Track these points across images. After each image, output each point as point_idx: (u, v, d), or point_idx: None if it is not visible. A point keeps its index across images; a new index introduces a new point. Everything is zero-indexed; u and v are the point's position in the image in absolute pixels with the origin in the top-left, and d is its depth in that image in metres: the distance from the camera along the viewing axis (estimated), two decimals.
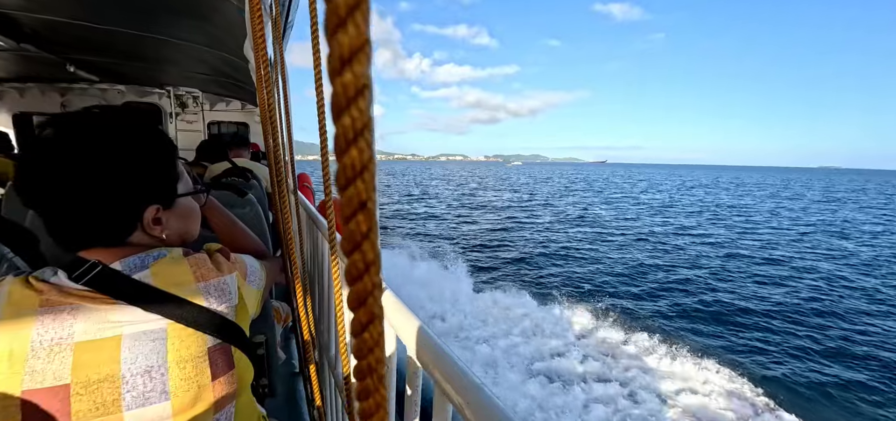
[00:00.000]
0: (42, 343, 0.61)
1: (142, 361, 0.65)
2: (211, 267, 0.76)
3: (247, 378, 0.80)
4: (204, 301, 0.71)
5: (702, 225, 22.81)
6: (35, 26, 2.83)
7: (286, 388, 2.08)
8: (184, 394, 0.67)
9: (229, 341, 0.74)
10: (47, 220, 0.70)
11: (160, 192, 0.77)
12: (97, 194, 0.68)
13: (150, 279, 0.69)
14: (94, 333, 0.63)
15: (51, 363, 0.61)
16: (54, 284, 0.66)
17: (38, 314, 0.62)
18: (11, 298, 0.64)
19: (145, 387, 0.64)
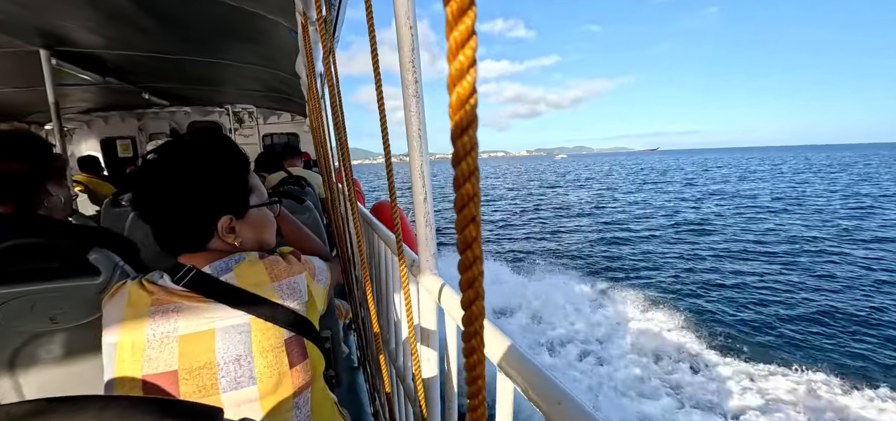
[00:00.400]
0: (155, 336, 0.74)
1: (232, 351, 0.75)
2: (284, 267, 0.86)
3: (319, 367, 0.89)
4: (278, 298, 0.81)
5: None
6: (117, 62, 3.20)
7: (348, 379, 2.22)
8: (267, 379, 0.77)
9: (302, 334, 0.84)
10: (153, 228, 0.83)
11: (232, 204, 0.86)
12: (179, 207, 0.81)
13: (233, 280, 0.80)
14: (194, 328, 0.75)
15: (162, 353, 0.74)
16: (161, 285, 0.79)
17: (151, 312, 0.75)
18: (131, 298, 0.77)
19: (236, 373, 0.75)
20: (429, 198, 0.79)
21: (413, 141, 0.76)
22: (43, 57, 2.65)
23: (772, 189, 30.63)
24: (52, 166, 1.22)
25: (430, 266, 0.82)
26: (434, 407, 0.88)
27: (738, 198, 26.68)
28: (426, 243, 0.82)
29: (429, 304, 0.85)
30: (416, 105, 0.74)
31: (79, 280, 1.07)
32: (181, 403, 0.33)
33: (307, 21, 1.26)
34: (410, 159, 0.78)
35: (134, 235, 1.81)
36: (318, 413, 0.88)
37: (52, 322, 1.09)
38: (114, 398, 0.31)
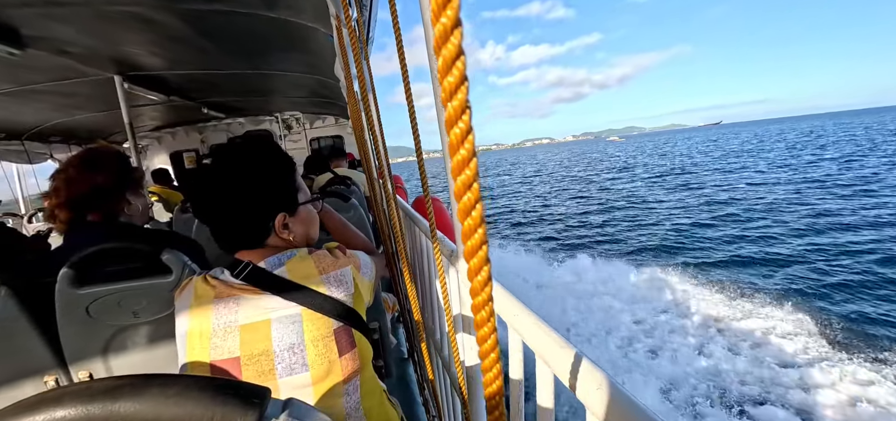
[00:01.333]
0: (219, 325, 0.81)
1: (286, 339, 0.81)
2: (331, 261, 0.91)
3: (367, 356, 0.93)
4: (326, 290, 0.86)
5: None
6: (179, 82, 3.49)
7: (398, 371, 2.28)
8: (319, 366, 0.82)
9: (350, 324, 0.88)
10: (212, 229, 0.91)
11: (285, 202, 0.94)
12: (241, 207, 0.88)
13: (285, 274, 0.85)
14: (252, 318, 0.82)
15: (226, 340, 0.81)
16: (222, 280, 0.87)
17: (214, 304, 0.83)
18: (197, 292, 0.86)
19: (291, 360, 0.81)
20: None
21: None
22: (117, 82, 2.95)
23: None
24: (131, 178, 1.37)
25: None
26: (476, 395, 0.89)
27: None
28: None
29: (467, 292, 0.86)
30: None
31: (155, 279, 1.19)
32: (233, 383, 0.35)
33: (341, 24, 1.30)
34: (445, 152, 0.78)
35: (199, 237, 1.98)
36: (367, 400, 0.92)
37: (135, 316, 1.23)
38: (176, 377, 0.34)
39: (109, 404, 0.31)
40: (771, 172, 25.01)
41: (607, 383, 0.40)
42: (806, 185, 19.39)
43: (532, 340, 0.53)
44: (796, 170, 24.71)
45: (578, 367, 0.44)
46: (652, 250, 11.64)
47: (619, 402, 0.38)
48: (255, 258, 0.88)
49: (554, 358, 0.48)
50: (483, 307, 0.21)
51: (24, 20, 1.93)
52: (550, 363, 0.50)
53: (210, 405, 0.33)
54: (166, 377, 0.34)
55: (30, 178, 5.47)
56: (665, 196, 20.30)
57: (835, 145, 38.73)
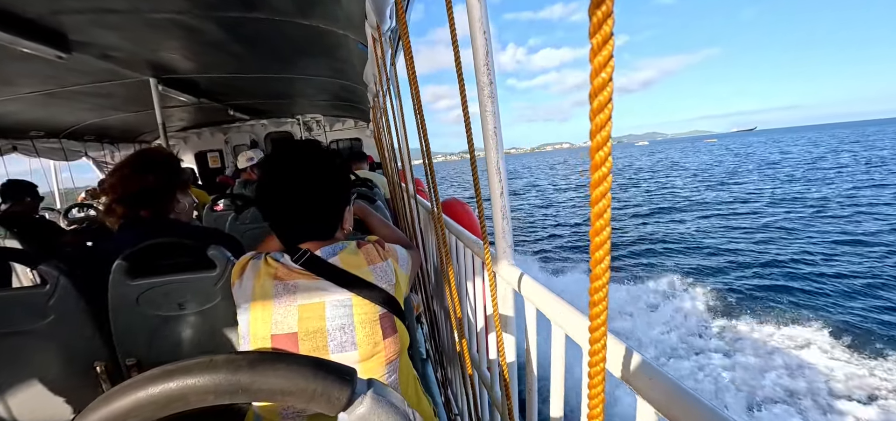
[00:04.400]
0: (280, 303, 0.90)
1: (338, 320, 0.89)
2: (376, 254, 0.99)
3: (405, 342, 1.00)
4: (373, 279, 0.94)
5: None
6: (207, 85, 3.62)
7: (419, 370, 2.32)
8: (365, 346, 0.90)
9: (392, 311, 0.96)
10: (284, 223, 0.98)
11: (348, 195, 1.05)
12: (326, 200, 0.98)
13: (339, 263, 0.94)
14: (309, 299, 0.90)
15: (286, 317, 0.89)
16: (283, 263, 0.95)
17: (276, 283, 0.91)
18: (260, 272, 0.94)
19: (342, 338, 0.89)
20: (505, 192, 0.83)
21: (489, 139, 0.81)
22: (152, 84, 3.08)
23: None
24: (180, 178, 1.45)
25: (506, 256, 0.87)
26: (513, 392, 0.92)
27: None
28: (503, 235, 0.86)
29: (506, 292, 0.90)
30: (492, 105, 0.78)
31: (201, 273, 1.26)
32: (329, 362, 0.40)
33: (380, 33, 1.36)
34: (487, 156, 0.82)
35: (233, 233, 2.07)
36: (404, 385, 0.99)
37: (180, 307, 1.30)
38: (284, 354, 0.39)
39: (231, 376, 0.36)
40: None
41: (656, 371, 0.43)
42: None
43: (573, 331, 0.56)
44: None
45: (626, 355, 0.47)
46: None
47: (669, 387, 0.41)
48: (313, 248, 0.96)
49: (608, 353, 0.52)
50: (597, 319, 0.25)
51: (74, 26, 2.05)
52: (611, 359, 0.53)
53: (312, 380, 0.38)
54: (276, 355, 0.39)
55: (64, 173, 5.72)
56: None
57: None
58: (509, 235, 0.86)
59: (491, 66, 0.77)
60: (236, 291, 0.96)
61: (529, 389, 0.84)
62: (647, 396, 0.44)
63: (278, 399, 0.38)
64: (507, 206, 0.84)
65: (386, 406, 0.41)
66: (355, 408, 0.40)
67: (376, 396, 0.41)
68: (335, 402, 0.39)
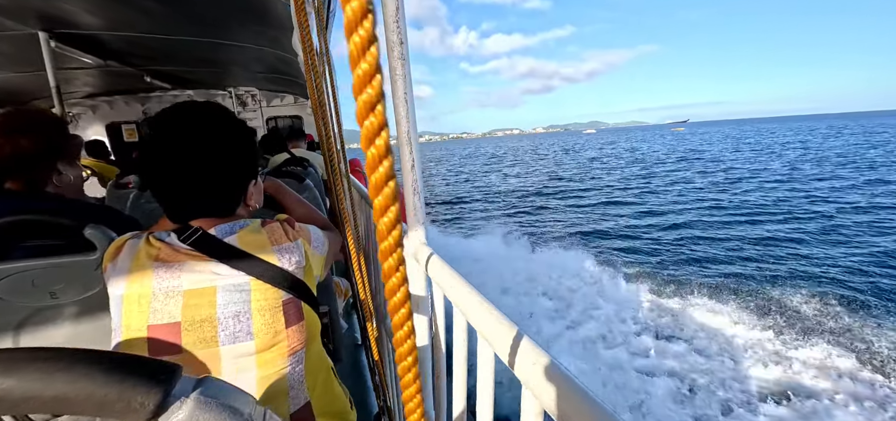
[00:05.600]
0: (160, 289, 0.79)
1: (232, 307, 0.80)
2: (282, 233, 0.90)
3: (315, 330, 0.92)
4: (277, 261, 0.85)
5: None
6: (117, 44, 3.19)
7: (351, 358, 2.24)
8: (264, 336, 0.82)
9: (299, 296, 0.87)
10: (173, 199, 0.85)
11: (255, 170, 0.94)
12: (220, 174, 0.85)
13: (236, 242, 0.84)
14: (197, 283, 0.80)
15: (167, 305, 0.78)
16: (168, 243, 0.83)
17: (156, 266, 0.80)
18: (138, 253, 0.81)
19: (235, 327, 0.80)
20: (416, 165, 0.77)
21: (399, 106, 0.74)
22: (42, 39, 2.64)
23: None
24: (65, 146, 1.23)
25: (418, 235, 0.81)
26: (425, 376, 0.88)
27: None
28: (414, 212, 0.80)
29: (417, 272, 0.85)
30: (402, 68, 0.71)
31: (76, 256, 1.08)
32: (136, 358, 0.32)
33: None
34: (397, 124, 0.76)
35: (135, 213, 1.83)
36: (313, 376, 0.92)
37: (53, 297, 1.11)
38: (64, 350, 0.30)
39: None
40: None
41: (545, 360, 0.40)
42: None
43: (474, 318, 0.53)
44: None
45: (518, 344, 0.44)
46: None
47: (555, 378, 0.39)
48: (206, 226, 0.85)
49: (493, 334, 0.48)
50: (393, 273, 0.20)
51: None
52: (490, 339, 0.50)
53: (104, 383, 0.29)
54: (53, 351, 0.30)
55: None
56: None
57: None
58: (421, 211, 0.80)
59: (402, 23, 0.70)
60: (108, 277, 0.82)
61: (437, 375, 0.81)
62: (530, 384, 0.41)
63: (52, 410, 0.29)
64: (419, 181, 0.78)
65: (216, 410, 0.34)
66: (171, 415, 0.32)
67: (204, 398, 0.34)
68: (138, 410, 0.31)
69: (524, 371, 0.41)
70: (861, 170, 23.89)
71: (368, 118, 0.20)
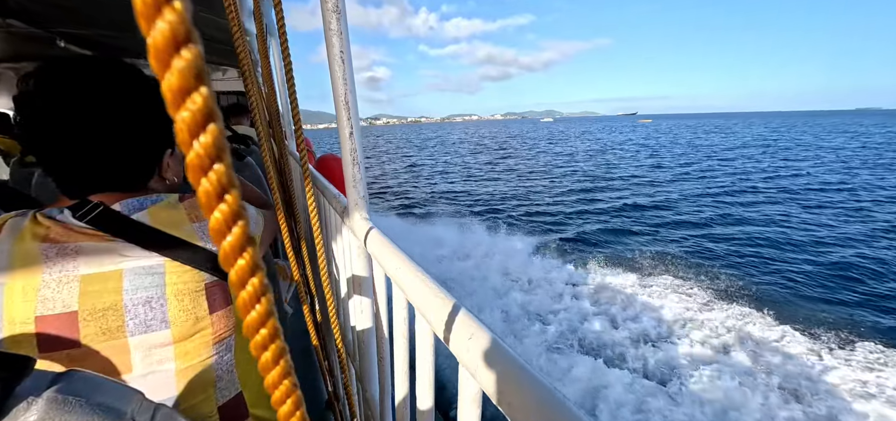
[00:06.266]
0: (51, 274, 0.67)
1: (142, 293, 0.70)
2: None
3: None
4: (199, 240, 0.75)
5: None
6: (23, 2, 2.76)
7: (302, 343, 2.15)
8: (183, 323, 0.73)
9: (225, 279, 0.79)
10: (61, 170, 0.72)
11: (171, 136, 0.81)
12: (132, 138, 0.73)
13: (147, 220, 0.73)
14: (97, 267, 0.69)
15: (60, 292, 0.67)
16: (61, 221, 0.71)
17: (45, 249, 0.68)
18: (22, 234, 0.69)
19: (146, 315, 0.70)
20: (355, 132, 0.71)
21: (335, 67, 0.67)
22: None
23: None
24: None
25: (358, 209, 0.75)
26: (369, 360, 0.84)
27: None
28: (354, 184, 0.74)
29: (357, 249, 0.79)
30: (337, 23, 0.64)
31: None
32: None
33: None
34: (333, 88, 0.69)
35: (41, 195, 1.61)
36: (244, 365, 0.85)
37: None
38: None
39: None
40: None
41: (483, 336, 0.37)
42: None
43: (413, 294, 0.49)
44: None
45: (453, 319, 0.41)
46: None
47: (493, 355, 0.36)
48: (109, 201, 0.74)
49: (430, 310, 0.45)
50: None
51: None
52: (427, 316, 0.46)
53: None
54: None
55: None
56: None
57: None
58: (361, 184, 0.74)
59: None
60: None
61: (381, 358, 0.76)
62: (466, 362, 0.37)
63: None
64: (359, 151, 0.72)
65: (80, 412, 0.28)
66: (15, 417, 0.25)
67: (63, 396, 0.27)
68: None
69: (459, 348, 0.38)
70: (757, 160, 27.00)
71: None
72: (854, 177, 21.02)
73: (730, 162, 27.88)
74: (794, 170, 24.11)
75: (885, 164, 25.69)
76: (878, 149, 35.57)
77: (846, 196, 16.70)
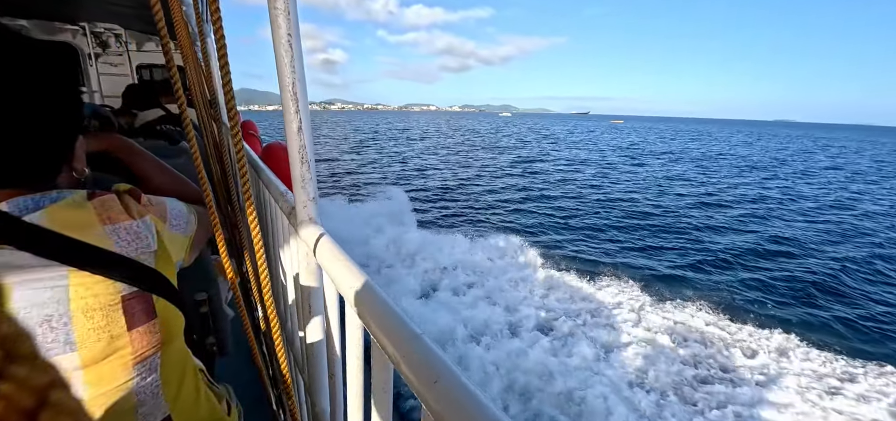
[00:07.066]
0: None
1: (38, 311, 0.58)
2: (120, 209, 0.68)
3: (175, 328, 0.74)
4: (113, 245, 0.64)
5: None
6: None
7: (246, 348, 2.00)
8: (93, 344, 0.62)
9: (149, 289, 0.68)
10: None
11: (79, 119, 0.70)
12: (24, 123, 0.59)
13: (44, 222, 0.60)
14: None
15: None
16: None
17: None
18: None
19: (47, 337, 0.59)
20: (305, 127, 0.62)
21: (282, 52, 0.58)
22: None
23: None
24: None
25: (308, 212, 0.67)
26: (319, 373, 0.77)
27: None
28: (303, 183, 0.66)
29: (305, 256, 0.72)
30: (285, 2, 0.56)
31: None
32: None
33: None
34: (279, 77, 0.60)
35: None
36: (174, 383, 0.75)
37: None
38: None
39: None
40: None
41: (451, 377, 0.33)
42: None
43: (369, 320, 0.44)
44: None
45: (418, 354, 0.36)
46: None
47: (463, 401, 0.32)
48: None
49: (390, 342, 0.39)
50: None
51: None
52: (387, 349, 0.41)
53: None
54: None
55: None
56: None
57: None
58: (310, 184, 0.66)
59: None
60: None
61: (332, 375, 0.70)
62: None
63: None
64: (309, 148, 0.64)
65: None
66: None
67: None
68: None
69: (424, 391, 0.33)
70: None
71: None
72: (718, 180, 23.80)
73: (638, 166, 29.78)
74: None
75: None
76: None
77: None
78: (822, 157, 43.30)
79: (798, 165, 33.55)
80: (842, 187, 23.10)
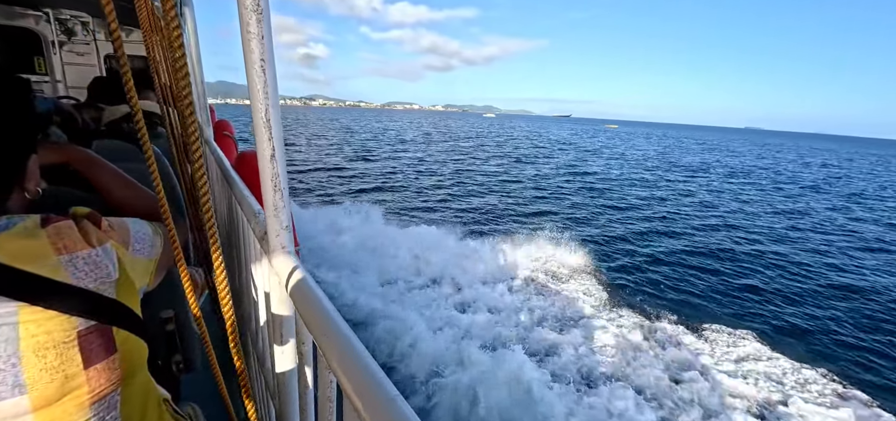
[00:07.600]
0: None
1: None
2: (77, 236, 0.63)
3: (137, 360, 0.69)
4: (69, 277, 0.60)
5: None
6: None
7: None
8: (45, 385, 0.57)
9: (108, 321, 0.63)
10: None
11: (32, 135, 0.67)
12: None
13: None
14: None
15: None
16: None
17: None
18: None
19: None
20: (278, 154, 0.59)
21: (255, 78, 0.54)
22: None
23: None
24: None
25: (280, 242, 0.64)
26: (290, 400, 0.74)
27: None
28: (275, 212, 0.63)
29: (277, 287, 0.69)
30: (258, 24, 0.52)
31: None
32: None
33: None
34: (252, 99, 0.56)
35: None
36: (136, 418, 0.70)
37: None
38: None
39: None
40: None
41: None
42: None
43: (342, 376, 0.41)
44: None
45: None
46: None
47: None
48: None
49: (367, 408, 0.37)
50: None
51: None
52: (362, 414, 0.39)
53: None
54: None
55: None
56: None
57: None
58: (284, 212, 0.63)
59: None
60: None
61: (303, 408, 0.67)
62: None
63: None
64: (282, 177, 0.61)
65: None
66: None
67: None
68: None
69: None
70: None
71: None
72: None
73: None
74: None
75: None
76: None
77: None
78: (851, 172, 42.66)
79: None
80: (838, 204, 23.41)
